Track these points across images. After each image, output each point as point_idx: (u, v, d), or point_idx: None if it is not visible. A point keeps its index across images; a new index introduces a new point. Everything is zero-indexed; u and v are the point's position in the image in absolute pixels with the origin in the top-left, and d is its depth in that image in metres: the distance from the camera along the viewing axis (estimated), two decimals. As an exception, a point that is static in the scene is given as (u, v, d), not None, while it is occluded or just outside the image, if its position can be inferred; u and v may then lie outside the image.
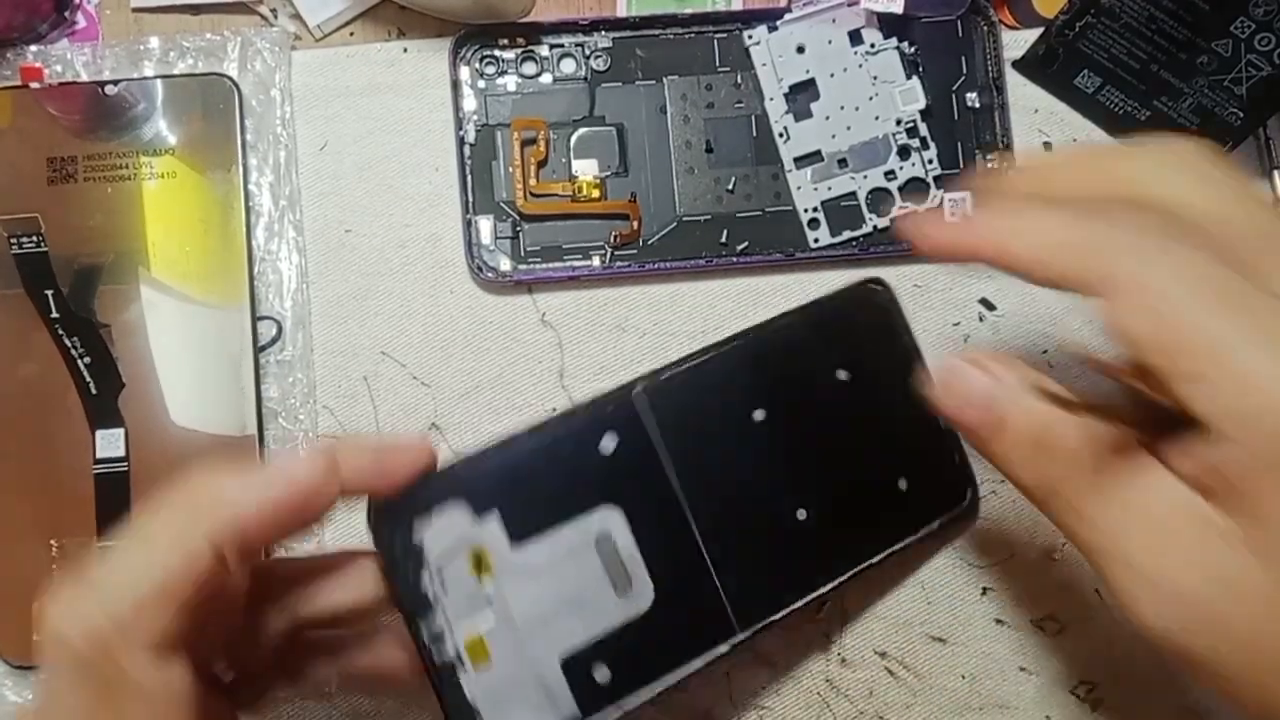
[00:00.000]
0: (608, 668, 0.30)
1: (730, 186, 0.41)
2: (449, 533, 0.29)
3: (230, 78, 0.41)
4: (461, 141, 0.41)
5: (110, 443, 0.39)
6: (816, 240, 0.41)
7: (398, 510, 0.28)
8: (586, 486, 0.31)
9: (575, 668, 0.30)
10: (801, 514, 0.34)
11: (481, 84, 0.41)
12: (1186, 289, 0.24)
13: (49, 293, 0.39)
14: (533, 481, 0.30)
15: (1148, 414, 0.26)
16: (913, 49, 0.42)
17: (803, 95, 0.42)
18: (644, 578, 0.31)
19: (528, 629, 0.30)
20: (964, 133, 0.42)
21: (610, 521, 0.31)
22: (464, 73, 0.41)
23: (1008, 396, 0.27)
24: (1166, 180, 0.26)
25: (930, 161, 0.41)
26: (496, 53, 0.41)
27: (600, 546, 0.31)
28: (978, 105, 0.42)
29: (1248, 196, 0.26)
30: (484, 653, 0.29)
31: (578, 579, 0.31)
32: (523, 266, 0.41)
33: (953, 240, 0.28)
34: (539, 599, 0.30)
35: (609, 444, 0.31)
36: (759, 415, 0.34)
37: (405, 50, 0.42)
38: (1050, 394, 0.27)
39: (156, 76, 0.41)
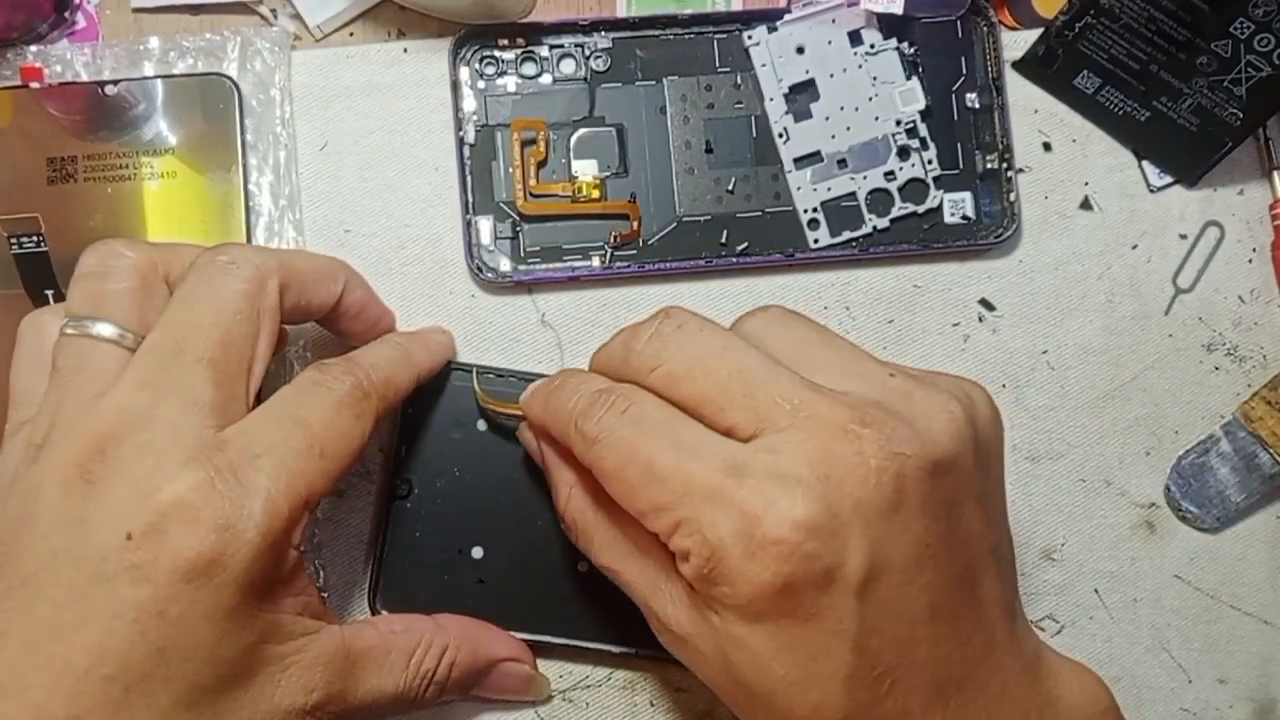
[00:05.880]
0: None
1: (730, 187, 0.41)
2: None
3: (230, 77, 0.41)
4: (461, 142, 0.41)
5: (110, 443, 0.39)
6: (816, 241, 0.41)
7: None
8: None
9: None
10: None
11: (481, 84, 0.41)
12: (644, 440, 0.28)
13: (49, 293, 0.39)
14: None
15: None
16: (912, 49, 0.42)
17: (802, 96, 0.42)
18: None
19: None
20: (964, 133, 0.42)
21: None
22: (464, 73, 0.41)
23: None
24: (659, 355, 0.30)
25: (930, 162, 0.42)
26: (496, 53, 0.41)
27: None
28: (977, 106, 0.42)
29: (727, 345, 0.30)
30: None
31: None
32: (522, 267, 0.41)
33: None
34: None
35: None
36: None
37: (405, 50, 0.42)
38: None
39: (156, 76, 0.41)
